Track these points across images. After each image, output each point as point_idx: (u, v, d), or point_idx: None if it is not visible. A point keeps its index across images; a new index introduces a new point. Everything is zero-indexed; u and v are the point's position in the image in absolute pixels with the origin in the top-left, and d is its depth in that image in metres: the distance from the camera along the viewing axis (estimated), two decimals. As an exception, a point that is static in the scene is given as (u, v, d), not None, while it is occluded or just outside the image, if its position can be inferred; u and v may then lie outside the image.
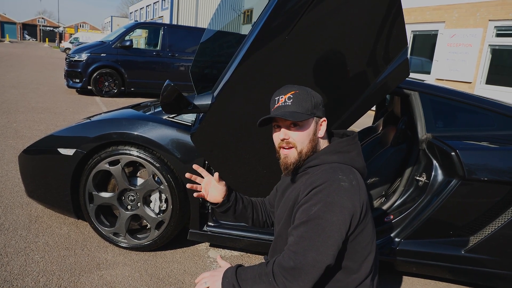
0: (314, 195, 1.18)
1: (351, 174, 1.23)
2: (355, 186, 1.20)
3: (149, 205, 2.39)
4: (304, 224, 1.16)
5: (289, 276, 1.11)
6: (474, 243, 2.16)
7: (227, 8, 2.66)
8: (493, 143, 2.21)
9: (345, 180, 1.19)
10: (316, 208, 1.15)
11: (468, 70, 8.59)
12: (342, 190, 1.17)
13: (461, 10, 8.71)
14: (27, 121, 5.62)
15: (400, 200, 2.35)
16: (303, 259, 1.11)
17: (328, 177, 1.20)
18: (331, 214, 1.14)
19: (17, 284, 1.99)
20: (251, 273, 1.19)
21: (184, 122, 2.39)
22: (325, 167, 1.26)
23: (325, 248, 1.11)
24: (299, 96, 1.29)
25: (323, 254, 1.11)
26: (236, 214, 1.54)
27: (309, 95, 1.30)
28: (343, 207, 1.15)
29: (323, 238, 1.12)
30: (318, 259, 1.10)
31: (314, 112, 1.29)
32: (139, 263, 2.30)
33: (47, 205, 2.55)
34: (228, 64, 2.01)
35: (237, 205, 1.53)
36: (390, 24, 1.81)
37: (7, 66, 13.65)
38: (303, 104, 1.28)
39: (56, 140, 2.44)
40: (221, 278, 1.21)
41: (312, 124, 1.30)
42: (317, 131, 1.32)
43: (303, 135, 1.29)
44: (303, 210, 1.19)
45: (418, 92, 2.35)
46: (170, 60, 9.24)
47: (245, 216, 1.57)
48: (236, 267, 1.24)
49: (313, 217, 1.15)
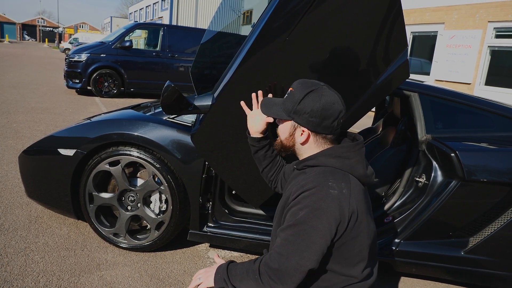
0: (303, 199, 1.19)
1: (343, 182, 1.20)
2: (345, 194, 1.18)
3: (149, 206, 2.39)
4: (291, 228, 1.17)
5: (274, 277, 1.15)
6: (473, 244, 2.17)
7: (227, 9, 2.66)
8: (493, 144, 2.22)
9: (335, 188, 1.18)
10: (302, 213, 1.16)
11: (467, 71, 8.61)
12: (330, 197, 1.16)
13: (460, 11, 8.73)
14: (27, 121, 5.62)
15: (399, 201, 2.35)
16: (287, 262, 1.14)
17: (318, 183, 1.19)
18: (317, 220, 1.14)
19: (17, 284, 1.99)
20: (241, 268, 1.23)
21: (184, 123, 2.40)
22: (319, 170, 1.25)
23: (308, 253, 1.13)
24: (291, 95, 1.32)
25: (306, 259, 1.13)
26: (259, 155, 1.67)
27: (298, 98, 1.27)
28: (329, 214, 1.15)
29: (307, 244, 1.14)
30: (301, 263, 1.13)
31: (292, 117, 1.31)
32: (139, 264, 2.30)
33: (47, 206, 2.55)
34: (229, 65, 2.01)
35: (268, 150, 1.66)
36: (390, 25, 1.82)
37: (7, 67, 13.64)
38: (287, 103, 1.33)
39: (56, 141, 2.44)
40: (214, 273, 1.27)
41: (289, 127, 1.34)
42: (296, 137, 1.32)
43: (281, 130, 1.39)
44: (291, 213, 1.21)
45: (418, 93, 2.35)
46: (169, 60, 9.24)
47: (261, 163, 1.68)
48: (228, 263, 1.29)
49: (299, 221, 1.16)
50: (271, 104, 1.42)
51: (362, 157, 1.30)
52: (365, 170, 1.29)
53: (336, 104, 1.26)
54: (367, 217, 1.26)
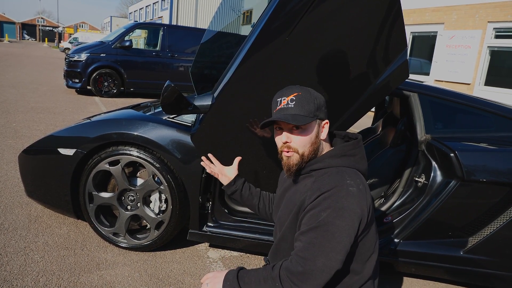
0: (323, 200, 1.18)
1: (358, 178, 1.23)
2: (362, 190, 1.21)
3: (149, 205, 2.40)
4: (313, 230, 1.16)
5: (297, 281, 1.12)
6: (473, 244, 2.17)
7: (227, 9, 2.67)
8: (492, 144, 2.22)
9: (353, 185, 1.19)
10: (325, 214, 1.15)
11: (467, 71, 8.61)
12: (351, 195, 1.17)
13: (460, 11, 8.74)
14: (27, 121, 5.62)
15: (399, 201, 2.36)
16: (312, 264, 1.11)
17: (337, 183, 1.20)
18: (341, 219, 1.14)
19: (16, 283, 1.99)
20: (255, 276, 1.19)
21: (184, 123, 2.40)
22: (332, 171, 1.26)
23: (334, 253, 1.12)
24: (302, 98, 1.28)
25: (333, 260, 1.12)
26: (243, 199, 1.68)
27: (312, 97, 1.29)
28: (352, 212, 1.16)
29: (333, 244, 1.13)
30: (328, 265, 1.11)
31: (317, 115, 1.29)
32: (139, 263, 2.30)
33: (47, 205, 2.55)
34: (229, 65, 2.02)
35: (243, 190, 1.67)
36: (390, 26, 1.82)
37: (6, 66, 13.63)
38: (305, 106, 1.27)
39: (56, 140, 2.44)
40: (222, 280, 1.22)
41: (315, 127, 1.30)
42: (320, 134, 1.32)
43: (305, 139, 1.29)
44: (311, 216, 1.19)
45: (418, 93, 2.36)
46: (169, 60, 9.24)
47: (252, 204, 1.68)
48: (237, 270, 1.24)
49: (323, 223, 1.15)
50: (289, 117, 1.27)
51: (364, 153, 1.35)
52: (366, 165, 1.34)
53: None
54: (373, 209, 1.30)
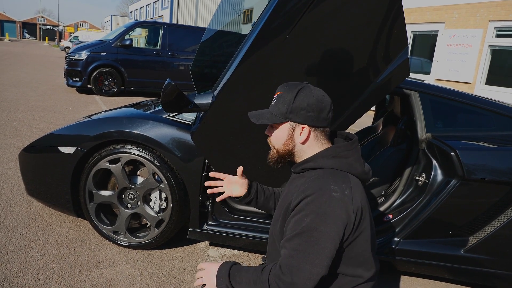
0: (306, 206, 1.17)
1: (344, 183, 1.20)
2: (348, 195, 1.17)
3: (149, 204, 2.40)
4: (298, 236, 1.15)
5: None
6: (473, 243, 2.17)
7: (228, 7, 2.66)
8: (493, 143, 2.22)
9: (337, 190, 1.17)
10: (308, 220, 1.14)
11: (468, 70, 8.60)
12: (334, 200, 1.15)
13: (461, 10, 8.72)
14: (27, 119, 5.62)
15: (399, 200, 2.36)
16: (298, 272, 1.11)
17: (320, 186, 1.18)
18: (324, 225, 1.13)
19: (17, 282, 1.99)
20: (246, 277, 1.20)
21: (184, 121, 2.40)
22: (319, 173, 1.24)
23: (319, 260, 1.11)
24: (281, 97, 1.29)
25: (318, 266, 1.11)
26: (258, 205, 1.63)
27: (291, 98, 1.26)
28: (336, 217, 1.14)
29: (317, 250, 1.12)
30: (313, 271, 1.11)
31: (289, 117, 1.27)
32: (139, 262, 2.30)
33: (47, 204, 2.56)
34: (229, 63, 2.01)
35: (259, 197, 1.62)
36: (390, 24, 1.82)
37: (7, 65, 13.64)
38: (280, 106, 1.28)
39: (56, 139, 2.44)
40: (215, 274, 1.24)
41: (287, 129, 1.29)
42: (295, 136, 1.29)
43: (278, 137, 1.32)
44: (296, 222, 1.18)
45: (418, 92, 2.35)
46: (170, 59, 9.24)
47: (267, 207, 1.64)
48: (230, 266, 1.24)
49: (306, 229, 1.14)
50: (259, 114, 1.34)
51: (359, 155, 1.31)
52: (363, 167, 1.29)
53: (325, 96, 1.29)
54: (369, 212, 1.27)
